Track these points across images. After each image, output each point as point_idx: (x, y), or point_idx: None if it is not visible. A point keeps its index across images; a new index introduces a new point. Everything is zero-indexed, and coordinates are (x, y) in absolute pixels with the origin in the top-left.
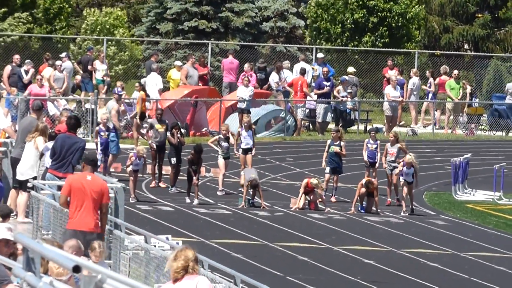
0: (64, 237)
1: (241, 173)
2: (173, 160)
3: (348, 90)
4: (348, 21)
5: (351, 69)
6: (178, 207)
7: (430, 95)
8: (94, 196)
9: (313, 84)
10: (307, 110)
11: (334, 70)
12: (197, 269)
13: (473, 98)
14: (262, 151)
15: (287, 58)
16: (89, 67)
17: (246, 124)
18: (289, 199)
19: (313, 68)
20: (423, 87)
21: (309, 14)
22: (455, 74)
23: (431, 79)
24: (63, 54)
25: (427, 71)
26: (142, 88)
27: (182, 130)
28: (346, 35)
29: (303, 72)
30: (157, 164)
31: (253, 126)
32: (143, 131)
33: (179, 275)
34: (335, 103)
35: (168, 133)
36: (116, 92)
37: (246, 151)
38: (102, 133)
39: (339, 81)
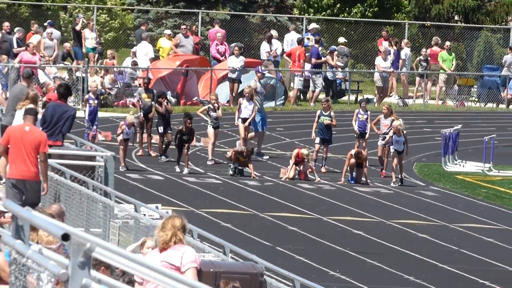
0: (6, 187)
1: (237, 143)
2: (160, 129)
3: (339, 63)
4: None
5: (341, 39)
6: (168, 176)
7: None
8: (31, 146)
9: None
10: (302, 80)
11: (324, 41)
12: (183, 239)
13: None
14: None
15: (277, 28)
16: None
17: (247, 94)
18: (279, 169)
19: (308, 38)
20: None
21: None
22: (447, 46)
23: (394, 48)
24: (47, 23)
25: (392, 41)
26: None
27: (173, 99)
28: (337, 6)
29: (299, 41)
30: (144, 133)
31: (255, 97)
32: (133, 99)
33: (166, 245)
34: (325, 73)
35: (155, 103)
36: (260, 70)
37: (245, 120)
38: (91, 101)
39: (328, 51)
